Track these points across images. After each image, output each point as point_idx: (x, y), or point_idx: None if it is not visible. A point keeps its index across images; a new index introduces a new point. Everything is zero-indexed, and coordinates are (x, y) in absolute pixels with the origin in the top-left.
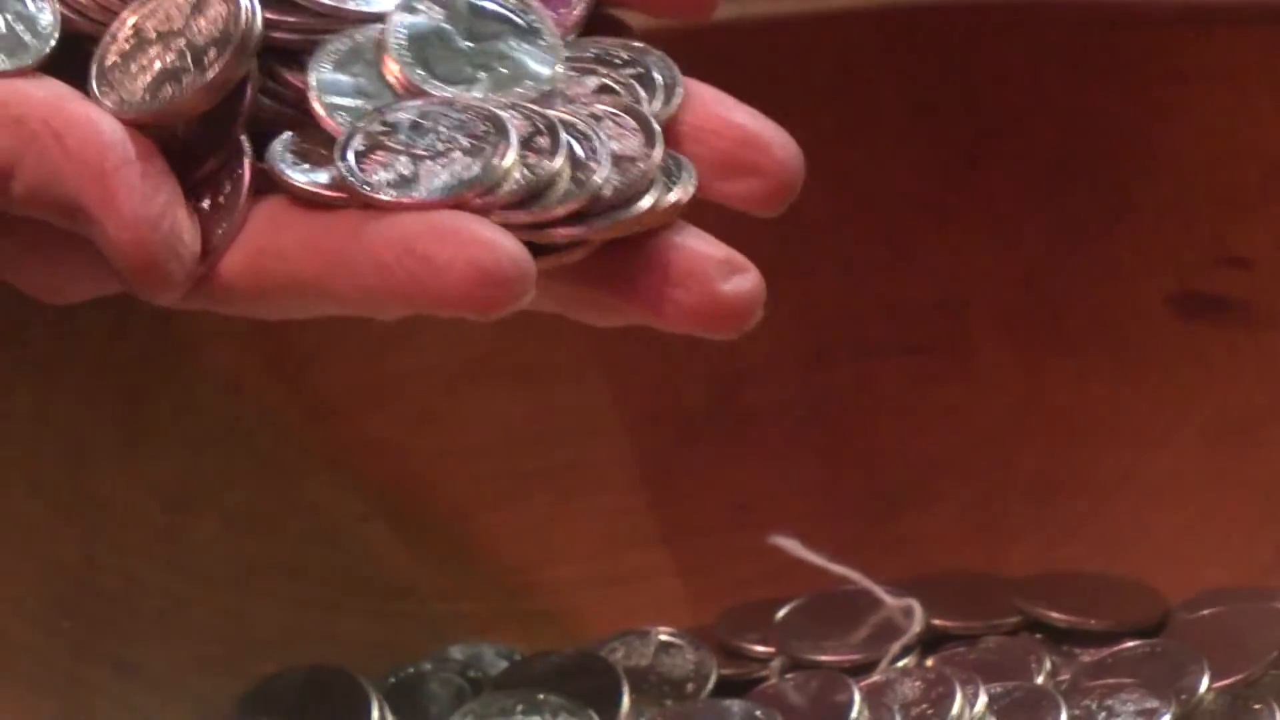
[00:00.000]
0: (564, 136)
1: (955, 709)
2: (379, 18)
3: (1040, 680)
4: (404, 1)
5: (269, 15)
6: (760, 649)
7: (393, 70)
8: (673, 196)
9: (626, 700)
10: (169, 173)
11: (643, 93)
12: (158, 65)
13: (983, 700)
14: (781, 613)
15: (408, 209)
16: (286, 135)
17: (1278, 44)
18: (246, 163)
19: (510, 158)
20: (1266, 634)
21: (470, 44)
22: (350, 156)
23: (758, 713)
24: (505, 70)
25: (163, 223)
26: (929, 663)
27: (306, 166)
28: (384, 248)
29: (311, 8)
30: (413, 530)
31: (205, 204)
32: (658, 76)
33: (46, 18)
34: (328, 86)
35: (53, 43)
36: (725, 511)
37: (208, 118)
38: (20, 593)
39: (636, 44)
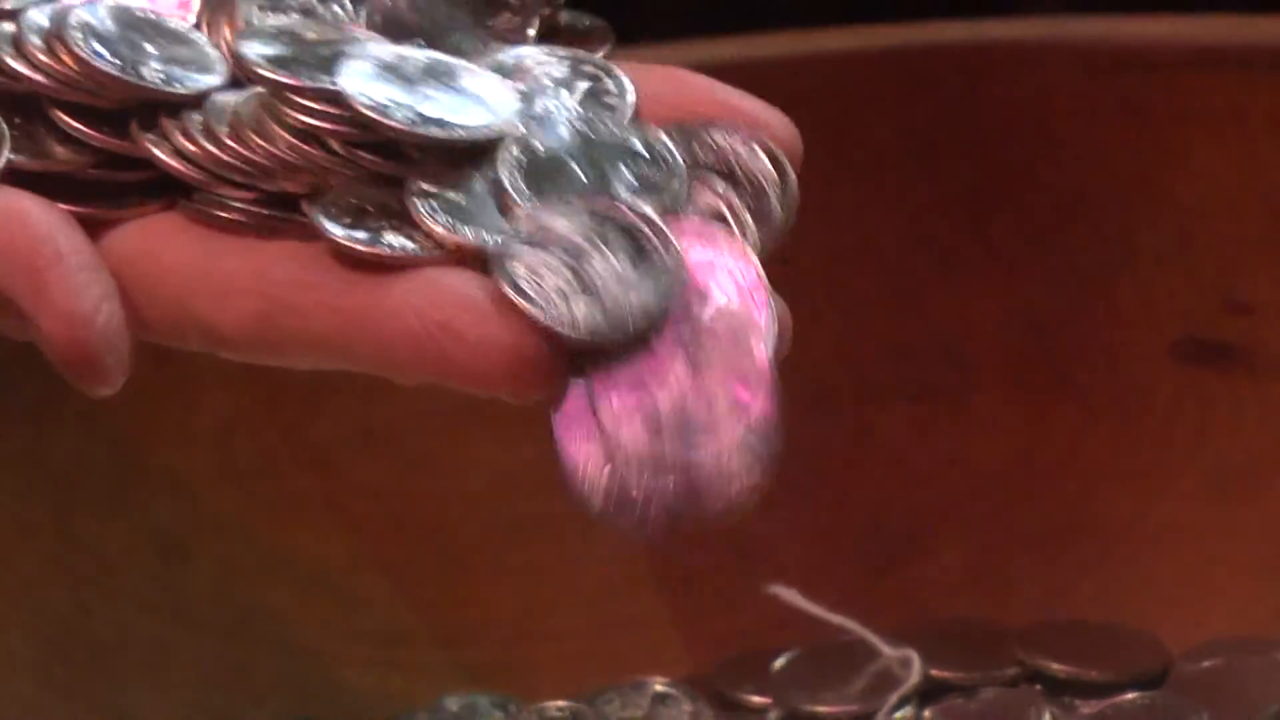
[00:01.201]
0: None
1: None
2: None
3: None
4: (521, 137)
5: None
6: (757, 699)
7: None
8: None
9: None
10: (101, 266)
11: (750, 223)
12: None
13: None
14: (779, 663)
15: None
16: (330, 194)
17: None
18: None
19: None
20: (1268, 686)
21: (591, 171)
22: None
23: None
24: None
25: (97, 318)
26: (927, 714)
27: (349, 221)
28: (412, 315)
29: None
30: (407, 578)
31: None
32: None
33: None
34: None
35: None
36: (723, 560)
37: None
38: (12, 641)
39: (741, 144)
